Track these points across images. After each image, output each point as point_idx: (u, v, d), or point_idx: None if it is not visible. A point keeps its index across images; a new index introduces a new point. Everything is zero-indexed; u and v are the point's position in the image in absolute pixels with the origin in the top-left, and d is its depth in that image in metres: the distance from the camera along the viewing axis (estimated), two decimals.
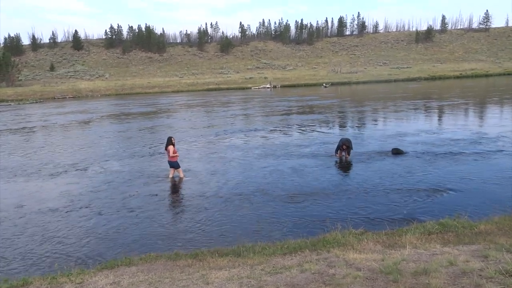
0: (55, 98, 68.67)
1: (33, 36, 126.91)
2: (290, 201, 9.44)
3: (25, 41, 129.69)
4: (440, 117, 24.66)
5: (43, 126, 28.36)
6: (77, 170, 13.73)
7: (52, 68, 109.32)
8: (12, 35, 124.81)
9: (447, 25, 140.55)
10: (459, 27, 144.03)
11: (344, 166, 12.91)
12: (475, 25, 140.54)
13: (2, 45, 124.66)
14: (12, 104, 58.55)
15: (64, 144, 19.72)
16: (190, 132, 22.06)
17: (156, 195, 10.44)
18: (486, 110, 27.42)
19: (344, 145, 13.35)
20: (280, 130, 21.19)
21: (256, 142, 17.77)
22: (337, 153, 13.67)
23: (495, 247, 5.28)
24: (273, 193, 10.10)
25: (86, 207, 9.69)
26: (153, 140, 19.79)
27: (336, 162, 13.33)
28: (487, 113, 25.71)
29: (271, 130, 21.09)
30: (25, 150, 18.35)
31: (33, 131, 25.55)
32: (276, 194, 10.02)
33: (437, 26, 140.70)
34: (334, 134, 18.88)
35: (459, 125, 20.05)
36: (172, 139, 11.87)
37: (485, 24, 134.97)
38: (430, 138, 16.74)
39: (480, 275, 4.30)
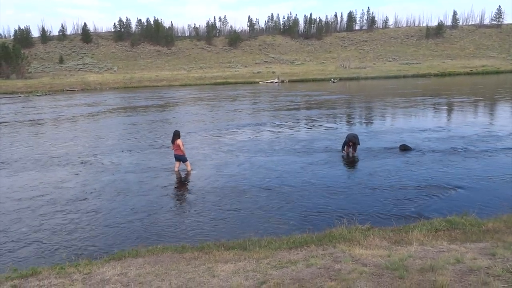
0: (64, 91, 69.11)
1: (43, 28, 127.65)
2: (296, 196, 9.45)
3: (35, 33, 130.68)
4: (448, 114, 24.43)
5: (50, 118, 28.58)
6: (84, 162, 13.84)
7: (61, 61, 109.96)
8: (22, 27, 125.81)
9: (458, 21, 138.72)
10: (470, 23, 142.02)
11: (351, 162, 12.87)
12: (487, 21, 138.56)
13: (12, 37, 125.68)
14: (21, 96, 59.04)
15: (72, 136, 19.86)
16: (197, 125, 22.10)
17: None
18: (495, 108, 27.11)
19: (351, 142, 13.32)
20: (287, 125, 21.15)
21: (263, 137, 17.76)
22: (344, 149, 13.63)
23: (503, 245, 5.24)
24: (279, 188, 10.12)
25: (93, 199, 9.78)
26: (160, 133, 19.87)
27: (342, 157, 13.30)
28: (496, 111, 25.42)
29: (278, 125, 21.06)
30: (33, 141, 18.54)
31: (40, 123, 25.77)
32: (282, 189, 10.03)
33: (448, 22, 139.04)
34: (341, 130, 18.81)
35: (467, 122, 19.85)
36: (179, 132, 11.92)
37: (497, 20, 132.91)
38: (438, 135, 16.61)
39: (487, 273, 4.27)
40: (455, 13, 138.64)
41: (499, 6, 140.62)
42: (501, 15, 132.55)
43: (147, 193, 10.09)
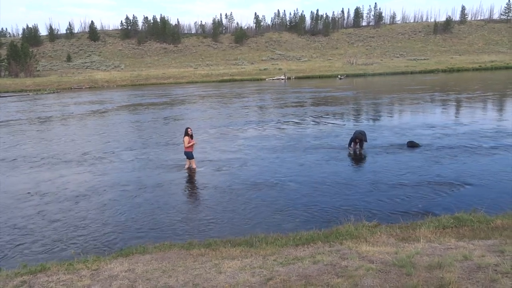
0: (71, 89, 69.66)
1: (51, 27, 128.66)
2: (303, 193, 9.44)
3: (43, 32, 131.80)
4: (456, 110, 24.21)
5: (59, 116, 28.83)
6: (92, 159, 13.95)
7: (69, 59, 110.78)
8: (30, 26, 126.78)
9: (466, 16, 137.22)
10: (479, 18, 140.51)
11: (358, 159, 12.82)
12: (496, 16, 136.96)
13: (20, 36, 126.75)
14: (30, 94, 59.59)
15: (80, 134, 20.03)
16: (203, 122, 22.14)
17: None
18: (504, 103, 26.80)
19: (357, 138, 13.26)
20: (293, 122, 21.11)
21: (270, 134, 17.75)
22: (351, 146, 13.58)
23: None
24: (286, 185, 10.11)
25: (100, 196, 9.86)
26: (168, 130, 19.94)
27: (349, 154, 13.25)
28: (505, 106, 25.14)
29: (284, 122, 21.03)
30: (41, 139, 18.71)
31: (49, 121, 26.00)
32: (289, 186, 10.02)
33: (456, 17, 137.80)
34: (348, 127, 18.73)
35: (475, 118, 19.65)
36: (189, 130, 11.87)
37: (507, 15, 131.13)
38: (446, 131, 16.47)
39: (496, 270, 4.24)
40: (463, 8, 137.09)
41: (509, 0, 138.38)
42: (511, 9, 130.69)
43: (154, 190, 10.15)
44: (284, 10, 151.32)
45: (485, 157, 12.02)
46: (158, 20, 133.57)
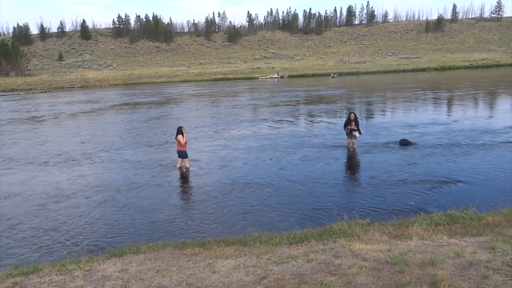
0: (63, 88, 68.99)
1: (42, 25, 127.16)
2: (296, 192, 9.45)
3: (34, 30, 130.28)
4: (448, 108, 24.39)
5: (50, 115, 28.54)
6: (84, 159, 13.84)
7: (60, 58, 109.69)
8: (21, 24, 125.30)
9: (458, 14, 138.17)
10: (470, 16, 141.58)
11: (351, 157, 12.86)
12: (486, 14, 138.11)
13: (11, 34, 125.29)
14: (21, 93, 58.93)
15: (71, 134, 19.85)
16: (196, 121, 22.07)
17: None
18: (494, 101, 27.06)
19: (352, 113, 13.23)
20: (287, 120, 21.13)
21: (263, 132, 17.75)
22: (346, 128, 13.42)
23: (503, 239, 5.25)
24: (279, 184, 10.12)
25: (93, 196, 9.79)
26: (160, 129, 19.85)
27: (342, 154, 13.28)
28: (496, 104, 25.38)
29: (278, 121, 21.03)
30: (32, 140, 18.52)
31: (40, 121, 25.74)
32: (282, 185, 10.03)
33: (448, 15, 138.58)
34: (341, 125, 18.75)
35: (467, 116, 19.82)
36: (182, 128, 11.82)
37: (497, 13, 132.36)
38: (438, 129, 16.59)
39: (487, 267, 4.28)
40: (454, 7, 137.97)
41: None
42: (501, 8, 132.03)
43: (146, 190, 10.10)
44: (277, 9, 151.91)
45: (477, 155, 12.13)
46: (151, 18, 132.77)
